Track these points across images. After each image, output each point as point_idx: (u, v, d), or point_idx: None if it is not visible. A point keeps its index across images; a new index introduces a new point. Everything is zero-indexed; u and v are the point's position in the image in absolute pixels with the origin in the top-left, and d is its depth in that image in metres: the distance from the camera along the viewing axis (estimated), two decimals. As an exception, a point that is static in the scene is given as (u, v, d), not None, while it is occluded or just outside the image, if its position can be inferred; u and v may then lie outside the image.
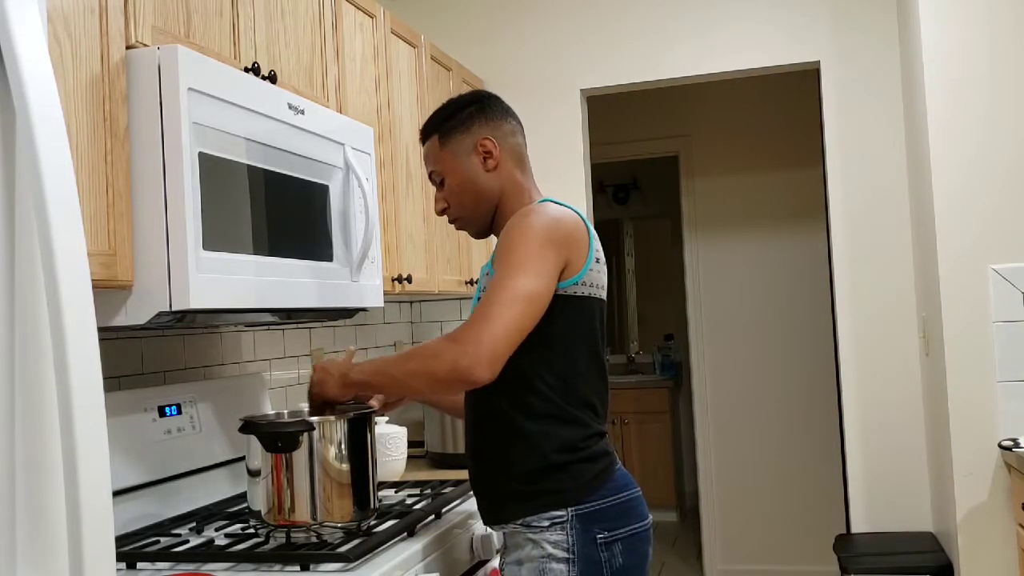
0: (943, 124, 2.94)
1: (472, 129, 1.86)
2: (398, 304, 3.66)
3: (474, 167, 1.86)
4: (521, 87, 3.76)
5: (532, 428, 1.73)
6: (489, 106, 1.90)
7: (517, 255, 1.68)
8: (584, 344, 1.78)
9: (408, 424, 3.08)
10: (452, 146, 1.87)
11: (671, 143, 5.13)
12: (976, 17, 2.93)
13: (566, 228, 1.74)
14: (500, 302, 1.62)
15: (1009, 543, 2.84)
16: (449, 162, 1.87)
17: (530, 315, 1.65)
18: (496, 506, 1.79)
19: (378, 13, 2.75)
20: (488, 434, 1.80)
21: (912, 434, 3.43)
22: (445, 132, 1.88)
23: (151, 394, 2.07)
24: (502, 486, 1.77)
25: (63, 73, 1.47)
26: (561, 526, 1.70)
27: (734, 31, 3.61)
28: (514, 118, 1.93)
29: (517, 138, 1.91)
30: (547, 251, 1.69)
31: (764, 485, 4.86)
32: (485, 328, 1.60)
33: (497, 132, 1.87)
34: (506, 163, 1.87)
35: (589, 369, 1.79)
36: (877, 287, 3.47)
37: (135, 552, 1.74)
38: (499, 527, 1.80)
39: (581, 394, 1.77)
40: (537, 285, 1.66)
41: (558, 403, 1.74)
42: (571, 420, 1.75)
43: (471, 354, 1.58)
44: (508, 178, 1.87)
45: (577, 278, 1.75)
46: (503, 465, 1.77)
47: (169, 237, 1.61)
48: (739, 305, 4.95)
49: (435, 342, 1.66)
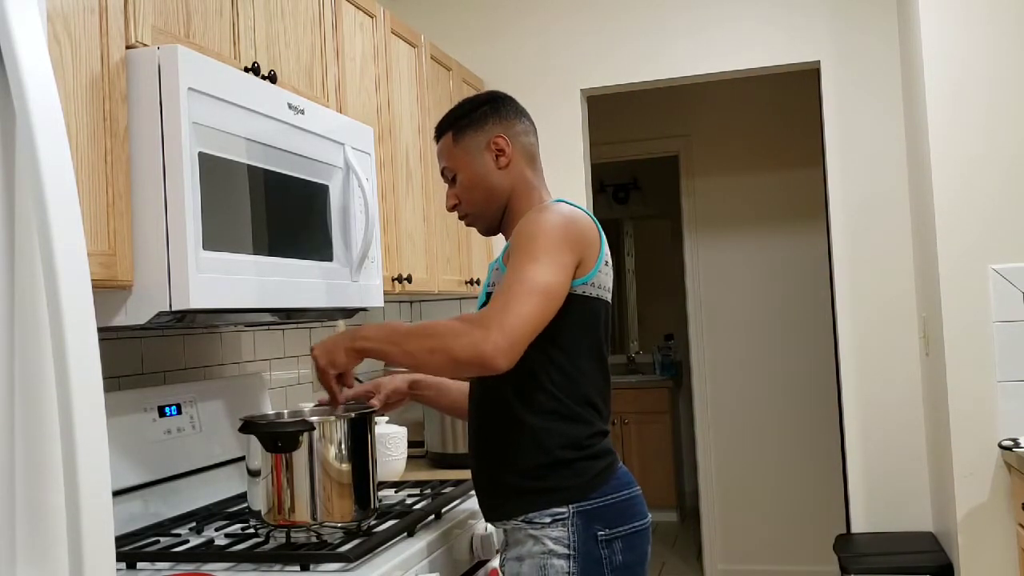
0: (943, 124, 2.94)
1: (485, 127, 1.89)
2: (398, 304, 3.66)
3: (486, 164, 1.88)
4: (521, 87, 3.76)
5: (536, 424, 1.75)
6: (503, 106, 1.92)
7: (536, 247, 1.69)
8: (589, 344, 1.79)
9: (408, 424, 3.08)
10: (465, 143, 1.89)
11: (671, 143, 5.14)
12: (976, 17, 2.93)
13: (580, 228, 1.76)
14: (521, 292, 1.63)
15: (1009, 543, 2.84)
16: (461, 159, 1.89)
17: (548, 308, 1.66)
18: (498, 502, 1.80)
19: (378, 13, 2.75)
20: (492, 429, 1.81)
21: (912, 434, 3.43)
22: (459, 129, 1.90)
23: (151, 394, 2.07)
24: (505, 481, 1.78)
25: (63, 73, 1.47)
26: (562, 523, 1.72)
27: (734, 31, 3.61)
28: (527, 118, 1.95)
29: (530, 138, 1.93)
30: (563, 247, 1.71)
31: (764, 485, 4.86)
32: (509, 315, 1.60)
33: (510, 131, 1.90)
34: (518, 162, 1.89)
35: (593, 369, 1.80)
36: (877, 287, 3.47)
37: (135, 552, 1.74)
38: (500, 523, 1.81)
39: (585, 392, 1.78)
40: (555, 279, 1.67)
41: (563, 400, 1.76)
42: (575, 417, 1.77)
43: (494, 340, 1.58)
44: (519, 177, 1.89)
45: (588, 278, 1.77)
46: (506, 460, 1.78)
47: (169, 237, 1.61)
48: (739, 305, 4.95)
49: (455, 323, 1.64)
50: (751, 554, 4.84)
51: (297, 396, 2.79)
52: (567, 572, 1.71)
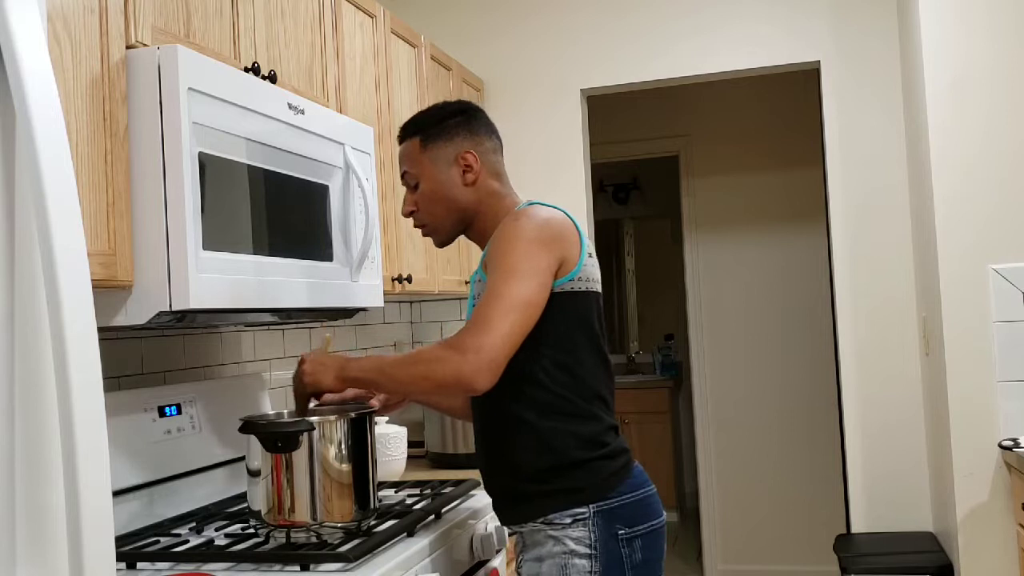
0: (943, 124, 2.94)
1: (455, 140, 1.86)
2: (398, 304, 3.66)
3: (452, 178, 1.85)
4: (521, 87, 3.76)
5: (544, 425, 1.75)
6: (475, 120, 1.89)
7: (510, 260, 1.69)
8: (585, 337, 1.79)
9: (408, 424, 3.08)
10: (432, 152, 1.86)
11: (671, 143, 5.13)
12: (976, 17, 2.93)
13: (556, 228, 1.76)
14: (497, 309, 1.64)
15: (1009, 543, 2.84)
16: (427, 168, 1.86)
17: (526, 321, 1.67)
18: (515, 506, 1.80)
19: (378, 13, 2.75)
20: (499, 434, 1.81)
21: (912, 434, 3.43)
22: (428, 137, 1.87)
23: (151, 394, 2.07)
24: (519, 487, 1.78)
25: (63, 73, 1.47)
26: (583, 523, 1.72)
27: (734, 31, 3.61)
28: (497, 136, 1.93)
29: (498, 155, 1.92)
30: (539, 252, 1.71)
31: (764, 485, 4.86)
32: (485, 337, 1.62)
33: (480, 148, 1.87)
34: (484, 178, 1.87)
35: (594, 362, 1.80)
36: (877, 287, 3.47)
37: (135, 552, 1.74)
38: (517, 526, 1.81)
39: (590, 387, 1.78)
40: (531, 290, 1.68)
41: (568, 397, 1.76)
42: (583, 414, 1.77)
43: (472, 362, 1.60)
44: (486, 191, 1.87)
45: (573, 274, 1.77)
46: (517, 465, 1.78)
47: (169, 237, 1.61)
48: (739, 305, 4.95)
49: (437, 348, 1.66)
50: (751, 554, 4.84)
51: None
52: (589, 571, 1.71)
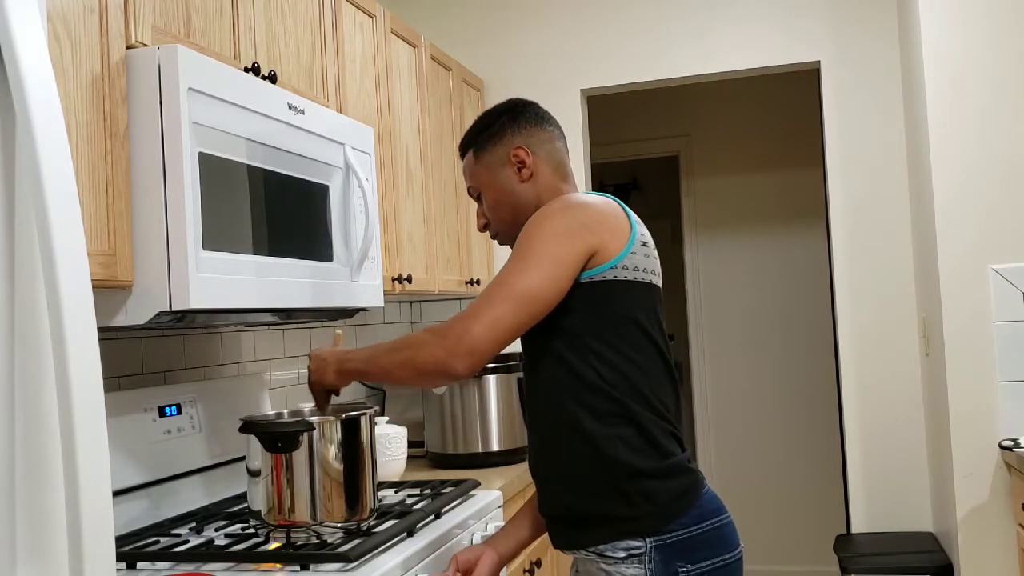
0: (943, 124, 2.94)
1: (504, 139, 1.78)
2: (398, 304, 3.66)
3: (509, 179, 1.77)
4: (521, 87, 3.76)
5: (599, 431, 1.59)
6: (522, 114, 1.81)
7: (521, 249, 1.61)
8: (636, 332, 1.63)
9: (408, 424, 3.08)
10: (486, 159, 1.79)
11: (671, 143, 5.13)
12: (976, 17, 2.93)
13: (588, 215, 1.63)
14: (490, 298, 1.57)
15: (1009, 543, 2.84)
16: (484, 176, 1.80)
17: (520, 312, 1.56)
18: (565, 529, 1.66)
19: (378, 13, 2.75)
20: (551, 441, 1.67)
21: (912, 434, 3.43)
22: (479, 145, 1.80)
23: (151, 394, 2.07)
24: (569, 504, 1.64)
25: (63, 73, 1.47)
26: (639, 559, 1.55)
27: (734, 31, 3.61)
28: (551, 124, 1.83)
29: (555, 144, 1.80)
30: (558, 242, 1.59)
31: (764, 485, 4.86)
32: (470, 323, 1.55)
33: (531, 140, 1.78)
34: (542, 172, 1.77)
35: (648, 360, 1.64)
36: (877, 287, 3.47)
37: (135, 552, 1.74)
38: (569, 552, 1.67)
39: (641, 388, 1.61)
40: (534, 280, 1.57)
41: (620, 400, 1.60)
42: (635, 419, 1.60)
43: (450, 348, 1.55)
44: (546, 187, 1.77)
45: (615, 261, 1.62)
46: (568, 478, 1.64)
47: (169, 237, 1.61)
48: (739, 305, 4.95)
49: (423, 333, 1.62)
50: (751, 554, 4.84)
51: (297, 396, 2.79)
52: None
